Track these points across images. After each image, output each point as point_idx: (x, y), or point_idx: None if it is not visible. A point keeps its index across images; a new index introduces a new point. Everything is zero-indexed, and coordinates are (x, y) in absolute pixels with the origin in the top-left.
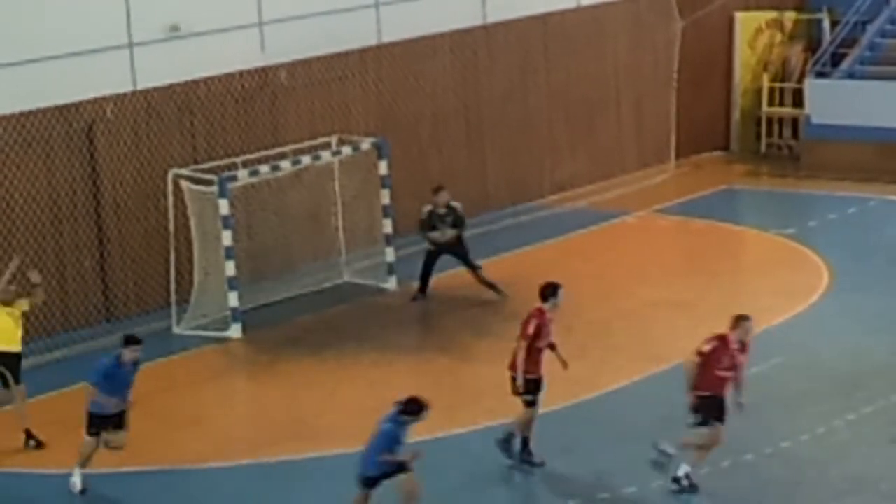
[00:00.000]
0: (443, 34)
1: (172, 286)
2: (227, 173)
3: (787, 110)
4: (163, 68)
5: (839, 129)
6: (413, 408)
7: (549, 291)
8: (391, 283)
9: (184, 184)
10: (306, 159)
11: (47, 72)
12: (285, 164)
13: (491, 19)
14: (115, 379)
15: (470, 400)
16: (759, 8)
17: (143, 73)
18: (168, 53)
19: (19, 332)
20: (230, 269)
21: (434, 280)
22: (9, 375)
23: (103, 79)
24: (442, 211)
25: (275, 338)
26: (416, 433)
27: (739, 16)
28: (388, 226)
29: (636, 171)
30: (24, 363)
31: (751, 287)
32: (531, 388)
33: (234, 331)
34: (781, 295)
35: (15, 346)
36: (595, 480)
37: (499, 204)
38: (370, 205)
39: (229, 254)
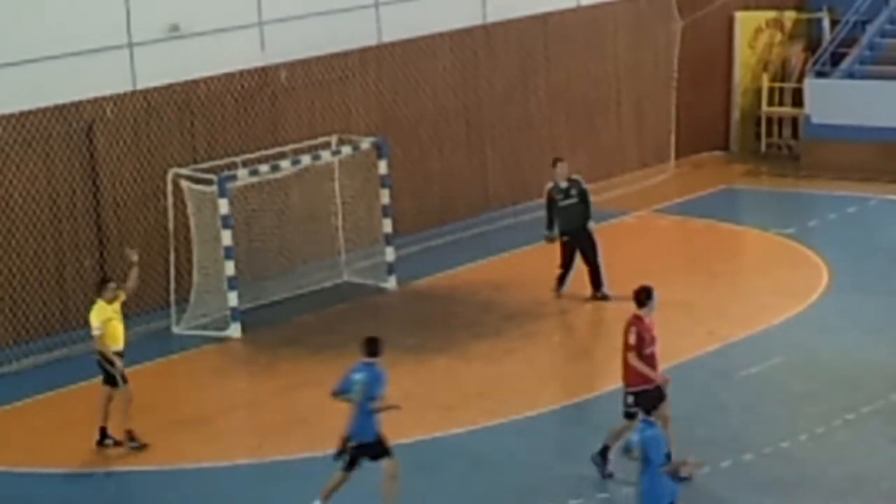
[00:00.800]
0: (443, 34)
1: (172, 286)
2: (226, 173)
3: (787, 110)
4: (162, 68)
5: (839, 128)
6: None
7: (644, 296)
8: (391, 283)
9: (183, 183)
10: (306, 159)
11: (47, 72)
12: (285, 164)
13: (491, 19)
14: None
15: (470, 400)
16: (759, 8)
17: (143, 72)
18: (168, 53)
19: (122, 329)
20: (230, 268)
21: (434, 280)
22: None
23: (103, 79)
24: (564, 184)
25: (274, 338)
26: (416, 433)
27: (739, 16)
28: (388, 226)
29: (636, 170)
30: (24, 363)
31: (751, 287)
32: (639, 402)
33: (234, 330)
34: (781, 295)
35: (121, 345)
36: (595, 480)
37: (499, 204)
38: (370, 205)
39: (229, 254)
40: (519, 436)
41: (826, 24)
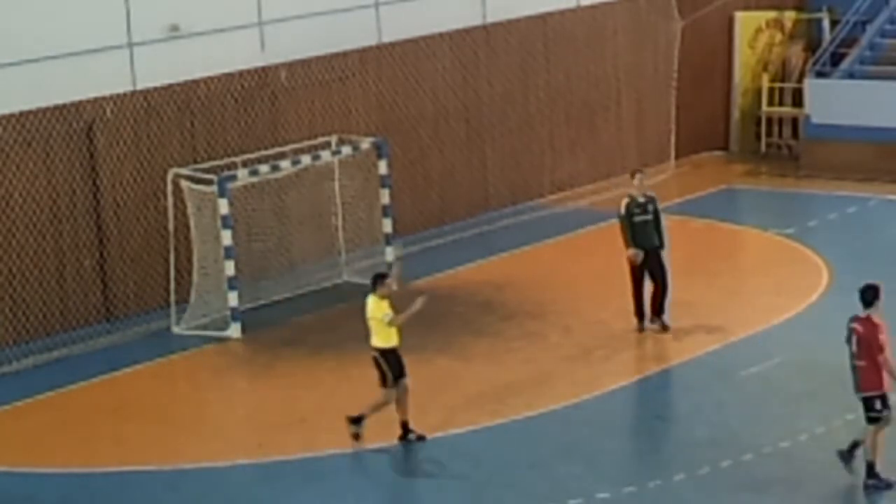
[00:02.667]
0: (443, 34)
1: (172, 286)
2: (226, 173)
3: (787, 110)
4: (162, 68)
5: (839, 128)
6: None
7: (872, 295)
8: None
9: (183, 183)
10: (306, 159)
11: (47, 72)
12: (285, 164)
13: (491, 19)
14: None
15: (470, 400)
16: (759, 8)
17: (143, 72)
18: (168, 53)
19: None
20: (230, 268)
21: (434, 280)
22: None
23: (103, 79)
24: (642, 199)
25: (274, 338)
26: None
27: (739, 16)
28: (388, 226)
29: None
30: (24, 363)
31: (751, 287)
32: (886, 404)
33: (234, 330)
34: (781, 295)
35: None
36: (595, 480)
37: (499, 204)
38: (370, 205)
39: (229, 254)
40: (519, 436)
41: (826, 24)
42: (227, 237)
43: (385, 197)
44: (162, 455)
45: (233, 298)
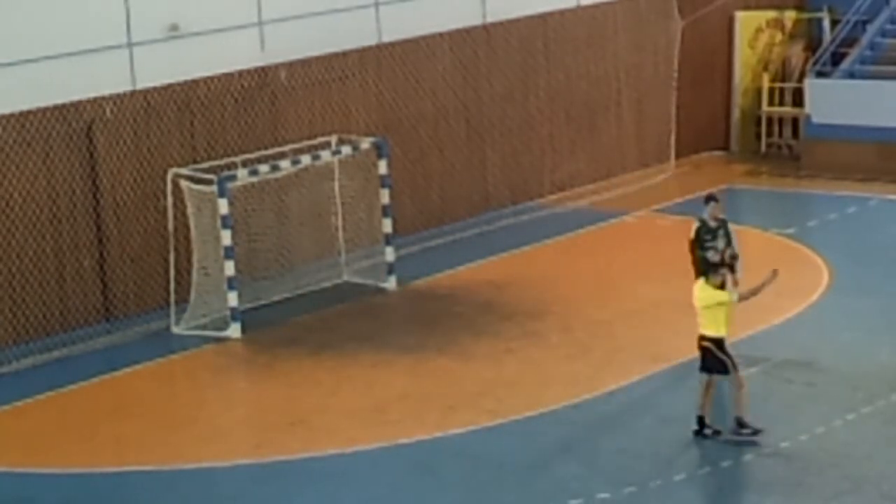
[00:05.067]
0: (443, 34)
1: (172, 286)
2: (226, 173)
3: (788, 110)
4: (162, 68)
5: (839, 128)
6: None
7: None
8: (391, 283)
9: (183, 183)
10: (306, 159)
11: (46, 71)
12: (285, 164)
13: (491, 19)
14: None
15: (470, 400)
16: (759, 7)
17: (143, 72)
18: (167, 53)
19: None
20: (229, 268)
21: (434, 280)
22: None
23: (103, 79)
24: (714, 224)
25: (274, 338)
26: (416, 433)
27: (739, 15)
28: (387, 226)
29: (636, 171)
30: (24, 363)
31: (750, 287)
32: None
33: (234, 331)
34: (781, 295)
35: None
36: (595, 480)
37: (499, 204)
38: (370, 205)
39: (228, 254)
40: (519, 436)
41: (826, 23)
42: (226, 237)
43: (385, 197)
44: (162, 455)
45: (233, 298)
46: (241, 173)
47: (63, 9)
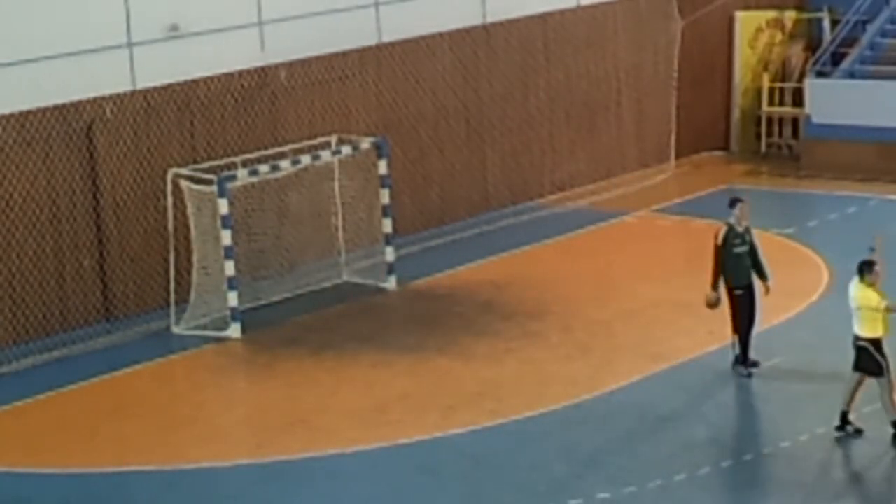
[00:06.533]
0: (443, 34)
1: (172, 286)
2: (226, 173)
3: (788, 110)
4: (162, 68)
5: (839, 128)
6: None
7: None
8: (391, 283)
9: (183, 183)
10: (306, 159)
11: (46, 71)
12: (285, 164)
13: (491, 19)
14: None
15: (470, 400)
16: (759, 7)
17: (143, 72)
18: (167, 53)
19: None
20: (229, 268)
21: (434, 280)
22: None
23: (102, 78)
24: (741, 228)
25: (274, 338)
26: (416, 433)
27: (739, 15)
28: (387, 226)
29: (636, 170)
30: (24, 363)
31: None
32: None
33: (234, 331)
34: (781, 295)
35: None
36: (595, 480)
37: (499, 204)
38: (370, 205)
39: (228, 254)
40: (519, 436)
41: (826, 23)
42: (226, 237)
43: (385, 197)
44: (162, 455)
45: (233, 298)
46: (241, 173)
47: (63, 9)
